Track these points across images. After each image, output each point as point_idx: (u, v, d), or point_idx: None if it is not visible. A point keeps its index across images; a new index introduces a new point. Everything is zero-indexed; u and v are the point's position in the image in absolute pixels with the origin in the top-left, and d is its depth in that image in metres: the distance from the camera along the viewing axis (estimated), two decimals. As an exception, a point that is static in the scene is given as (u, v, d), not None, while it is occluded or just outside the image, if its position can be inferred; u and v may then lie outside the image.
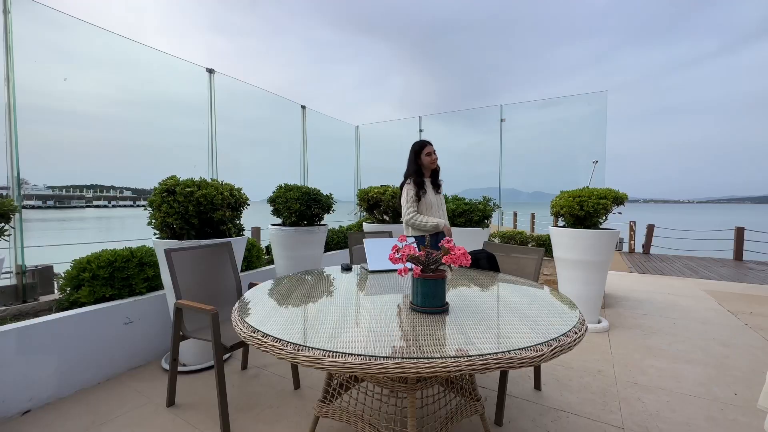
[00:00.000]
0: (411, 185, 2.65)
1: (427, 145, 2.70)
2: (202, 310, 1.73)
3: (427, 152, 2.67)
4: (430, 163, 2.68)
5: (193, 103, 4.07)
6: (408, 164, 2.74)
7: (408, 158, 2.75)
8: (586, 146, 5.38)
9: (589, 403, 2.00)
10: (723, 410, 1.93)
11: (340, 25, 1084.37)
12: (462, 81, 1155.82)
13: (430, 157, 2.67)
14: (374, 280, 1.89)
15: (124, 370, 2.32)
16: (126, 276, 2.39)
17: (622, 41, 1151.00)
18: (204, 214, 2.40)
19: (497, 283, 1.84)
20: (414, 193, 2.62)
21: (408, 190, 2.65)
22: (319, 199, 3.45)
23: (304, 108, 5.83)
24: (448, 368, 0.93)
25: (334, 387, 1.59)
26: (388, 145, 7.48)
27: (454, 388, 1.61)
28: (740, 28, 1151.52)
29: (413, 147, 2.74)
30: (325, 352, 0.99)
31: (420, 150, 2.69)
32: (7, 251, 2.57)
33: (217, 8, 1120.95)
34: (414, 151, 2.72)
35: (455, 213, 3.98)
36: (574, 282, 3.14)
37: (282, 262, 3.36)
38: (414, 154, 2.71)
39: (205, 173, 4.07)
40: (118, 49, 3.44)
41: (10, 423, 1.78)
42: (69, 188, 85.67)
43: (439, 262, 1.35)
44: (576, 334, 1.14)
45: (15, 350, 1.84)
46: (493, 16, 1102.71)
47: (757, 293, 4.52)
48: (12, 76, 2.57)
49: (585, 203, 3.05)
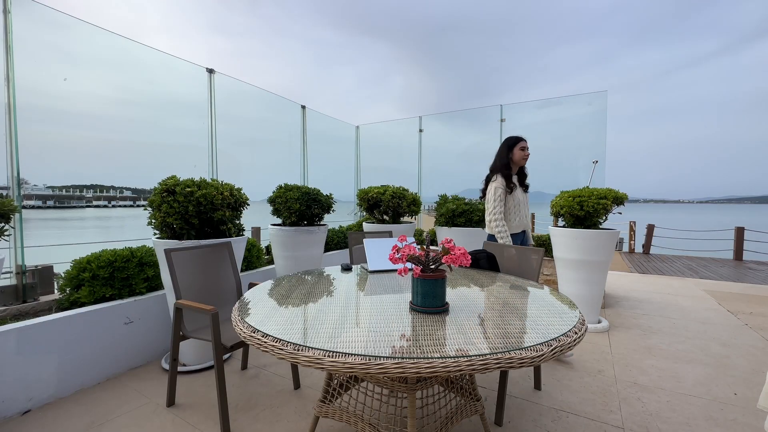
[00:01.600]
0: (499, 180, 2.49)
1: (523, 140, 2.57)
2: (202, 310, 1.72)
3: (521, 146, 2.54)
4: (521, 159, 2.56)
5: (193, 103, 4.08)
6: (496, 158, 2.60)
7: (497, 152, 2.61)
8: (586, 146, 5.39)
9: (589, 403, 2.00)
10: (723, 410, 1.93)
11: (340, 25, 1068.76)
12: (462, 81, 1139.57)
13: (523, 152, 2.54)
14: (374, 280, 1.89)
15: (124, 370, 2.32)
16: (126, 276, 2.39)
17: (623, 41, 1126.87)
18: (204, 214, 2.40)
19: (497, 283, 1.84)
20: (502, 189, 2.46)
21: (496, 187, 2.48)
22: (319, 199, 3.45)
23: (304, 108, 5.83)
24: (448, 368, 0.93)
25: (334, 387, 1.59)
26: (388, 145, 7.48)
27: (454, 388, 1.61)
28: (740, 28, 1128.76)
29: (507, 141, 2.61)
30: (325, 352, 0.99)
31: (514, 144, 2.55)
32: (7, 251, 2.57)
33: (218, 8, 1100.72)
34: (507, 145, 2.58)
35: (455, 213, 3.98)
36: (574, 282, 3.14)
37: (282, 262, 3.36)
38: (506, 147, 2.58)
39: (205, 173, 4.07)
40: (118, 49, 3.44)
41: (10, 423, 1.78)
42: (69, 188, 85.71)
43: (439, 262, 1.35)
44: (576, 334, 1.14)
45: (15, 350, 1.84)
46: (494, 16, 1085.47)
47: (757, 293, 4.52)
48: (12, 76, 2.57)
49: (585, 203, 3.05)
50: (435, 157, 6.87)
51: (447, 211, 4.02)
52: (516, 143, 2.58)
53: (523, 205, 2.59)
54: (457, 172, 6.82)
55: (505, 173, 2.51)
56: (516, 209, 2.53)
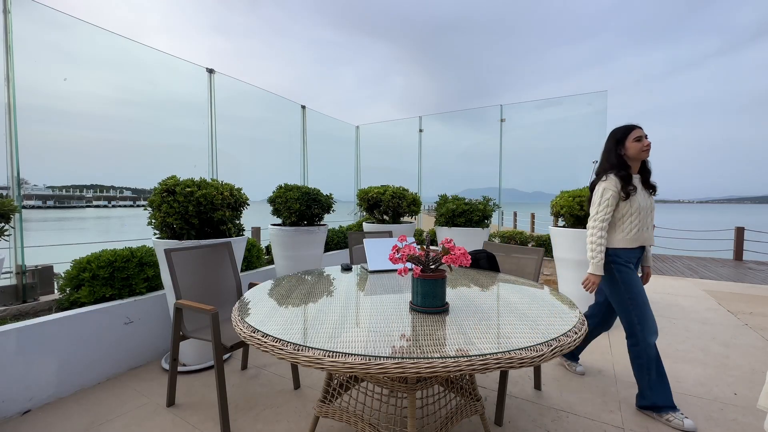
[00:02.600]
0: (612, 180, 1.89)
1: (636, 127, 1.92)
2: (202, 310, 1.73)
3: (636, 136, 1.90)
4: (640, 151, 1.90)
5: (193, 103, 4.08)
6: (604, 156, 2.01)
7: (603, 151, 2.03)
8: (586, 146, 5.39)
9: (589, 403, 2.00)
10: (723, 410, 1.93)
11: (340, 25, 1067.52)
12: (462, 81, 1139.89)
13: (640, 143, 1.89)
14: (374, 280, 1.89)
15: (124, 370, 2.32)
16: (126, 276, 2.39)
17: (623, 41, 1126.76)
18: (204, 214, 2.40)
19: (497, 283, 1.84)
20: (614, 191, 1.87)
21: (605, 188, 1.90)
22: (319, 199, 3.46)
23: (304, 108, 5.84)
24: (448, 368, 0.93)
25: (334, 387, 1.59)
26: (388, 145, 7.49)
27: (454, 388, 1.61)
28: (740, 28, 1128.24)
29: (614, 134, 1.98)
30: (325, 352, 0.99)
31: (625, 135, 1.93)
32: (7, 251, 2.57)
33: (218, 8, 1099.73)
34: (615, 139, 1.96)
35: (455, 213, 3.98)
36: (574, 282, 3.14)
37: (282, 262, 3.36)
38: (614, 141, 1.96)
39: (205, 173, 4.07)
40: (118, 49, 3.44)
41: (10, 423, 1.78)
42: (69, 188, 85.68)
43: (439, 262, 1.35)
44: (576, 334, 1.14)
45: (15, 350, 1.84)
46: (494, 16, 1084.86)
47: (757, 293, 4.52)
48: (12, 76, 2.57)
49: (585, 203, 3.05)
50: (435, 157, 6.87)
51: (447, 211, 4.02)
52: (628, 134, 1.92)
53: (647, 212, 1.91)
54: (457, 172, 6.83)
55: (621, 174, 1.88)
56: (639, 218, 1.89)
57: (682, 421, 1.75)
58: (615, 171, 1.91)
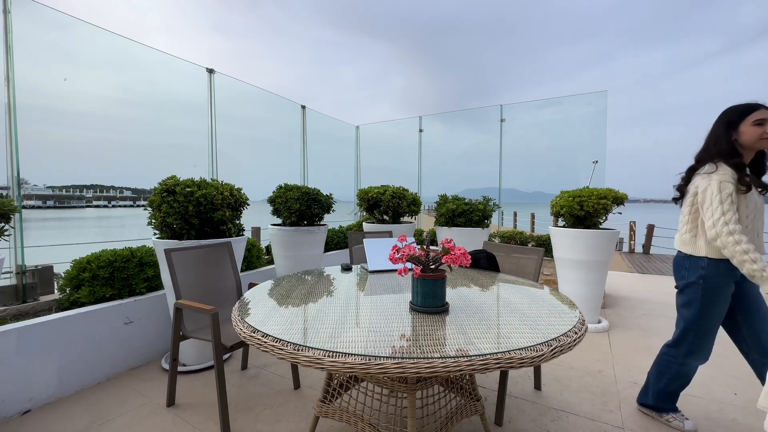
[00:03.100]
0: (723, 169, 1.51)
1: (760, 108, 1.52)
2: (202, 310, 1.73)
3: (756, 119, 1.50)
4: (759, 139, 1.51)
5: (193, 103, 4.08)
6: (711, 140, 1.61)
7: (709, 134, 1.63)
8: (586, 146, 5.39)
9: (589, 403, 2.00)
10: (723, 410, 1.93)
11: (340, 25, 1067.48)
12: (462, 81, 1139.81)
13: (762, 127, 1.49)
14: (374, 280, 1.89)
15: (124, 370, 2.32)
16: (126, 276, 2.39)
17: (623, 41, 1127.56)
18: (204, 214, 2.40)
19: (497, 283, 1.84)
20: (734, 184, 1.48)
21: (721, 183, 1.49)
22: (319, 199, 3.45)
23: (304, 108, 5.83)
24: (448, 368, 0.93)
25: (334, 387, 1.59)
26: (388, 145, 7.48)
27: (454, 388, 1.61)
28: (741, 28, 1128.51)
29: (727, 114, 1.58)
30: (325, 352, 0.99)
31: (742, 116, 1.54)
32: (7, 251, 2.57)
33: (218, 8, 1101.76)
34: (726, 121, 1.57)
35: (455, 213, 3.98)
36: (574, 282, 3.14)
37: (282, 262, 3.36)
38: (725, 124, 1.57)
39: (205, 173, 4.07)
40: (118, 49, 3.44)
41: (10, 423, 1.78)
42: (69, 188, 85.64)
43: (439, 262, 1.35)
44: (576, 334, 1.14)
45: (15, 350, 1.84)
46: (494, 16, 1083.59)
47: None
48: (12, 76, 2.57)
49: (585, 203, 3.05)
50: (435, 157, 6.87)
51: (447, 211, 4.02)
52: (746, 115, 1.53)
53: (758, 214, 1.54)
54: (457, 172, 6.83)
55: (734, 161, 1.51)
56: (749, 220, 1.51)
57: (683, 422, 1.75)
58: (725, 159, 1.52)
